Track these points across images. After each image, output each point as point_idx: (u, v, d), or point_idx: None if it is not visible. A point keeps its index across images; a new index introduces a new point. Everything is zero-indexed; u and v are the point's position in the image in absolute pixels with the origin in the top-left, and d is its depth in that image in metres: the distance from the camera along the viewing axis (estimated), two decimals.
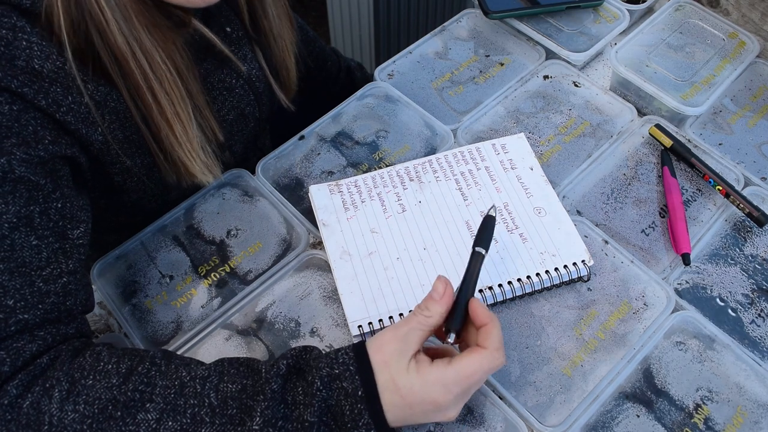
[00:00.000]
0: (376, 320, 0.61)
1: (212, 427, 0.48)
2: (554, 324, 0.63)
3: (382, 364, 0.51)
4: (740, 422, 0.57)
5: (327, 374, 0.50)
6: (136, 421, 0.48)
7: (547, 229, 0.67)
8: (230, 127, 0.74)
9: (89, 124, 0.59)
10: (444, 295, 0.53)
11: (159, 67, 0.59)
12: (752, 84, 0.82)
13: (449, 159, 0.73)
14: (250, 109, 0.76)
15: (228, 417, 0.49)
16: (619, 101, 0.80)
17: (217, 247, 0.69)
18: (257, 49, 0.76)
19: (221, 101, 0.72)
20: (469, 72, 0.84)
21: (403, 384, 0.50)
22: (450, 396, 0.50)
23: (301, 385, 0.51)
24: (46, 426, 0.47)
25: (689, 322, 0.62)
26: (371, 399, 0.49)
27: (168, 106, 0.60)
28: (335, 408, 0.50)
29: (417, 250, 0.66)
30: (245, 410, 0.49)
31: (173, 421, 0.48)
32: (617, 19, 0.87)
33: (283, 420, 0.49)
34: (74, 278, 0.55)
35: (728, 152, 0.76)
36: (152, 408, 0.48)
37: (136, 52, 0.57)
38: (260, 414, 0.49)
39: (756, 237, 0.69)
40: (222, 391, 0.50)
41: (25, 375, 0.49)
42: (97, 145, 0.60)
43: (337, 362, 0.51)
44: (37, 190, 0.53)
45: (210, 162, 0.67)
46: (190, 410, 0.49)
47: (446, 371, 0.50)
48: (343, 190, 0.71)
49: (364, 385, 0.50)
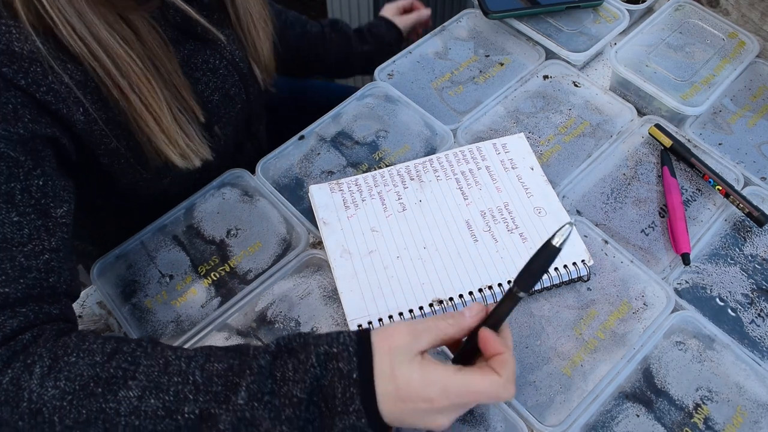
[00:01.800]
0: (376, 319, 0.61)
1: (195, 404, 0.46)
2: (554, 324, 0.63)
3: (386, 350, 0.48)
4: (740, 422, 0.57)
5: (324, 352, 0.48)
6: (117, 398, 0.46)
7: (548, 228, 0.67)
8: (216, 109, 0.72)
9: (70, 104, 0.58)
10: (475, 316, 0.51)
11: (123, 61, 0.58)
12: (752, 84, 0.82)
13: (450, 158, 0.73)
14: (236, 90, 0.75)
15: (212, 394, 0.47)
16: (618, 101, 0.80)
17: (217, 246, 0.69)
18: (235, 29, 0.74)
19: (205, 82, 0.70)
20: (469, 72, 0.84)
21: (401, 374, 0.48)
22: (447, 402, 0.47)
23: (292, 362, 0.48)
24: (25, 402, 0.46)
25: (689, 321, 0.62)
26: (365, 384, 0.47)
27: (136, 99, 0.59)
28: (327, 389, 0.47)
29: (417, 249, 0.66)
30: (231, 387, 0.47)
31: (155, 398, 0.46)
32: (617, 19, 0.87)
33: (270, 395, 0.47)
34: (57, 256, 0.54)
35: (728, 152, 0.76)
36: (134, 385, 0.47)
37: (94, 50, 0.56)
38: (246, 388, 0.47)
39: (756, 237, 0.69)
40: (208, 369, 0.48)
41: (5, 350, 0.47)
42: (80, 125, 0.59)
43: (337, 341, 0.49)
44: (17, 166, 0.52)
45: (194, 145, 0.66)
46: (173, 388, 0.47)
47: (452, 377, 0.47)
48: (344, 189, 0.71)
49: (360, 368, 0.47)
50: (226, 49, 0.72)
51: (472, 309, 0.51)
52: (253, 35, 0.76)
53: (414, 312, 0.61)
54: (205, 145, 0.68)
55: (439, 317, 0.51)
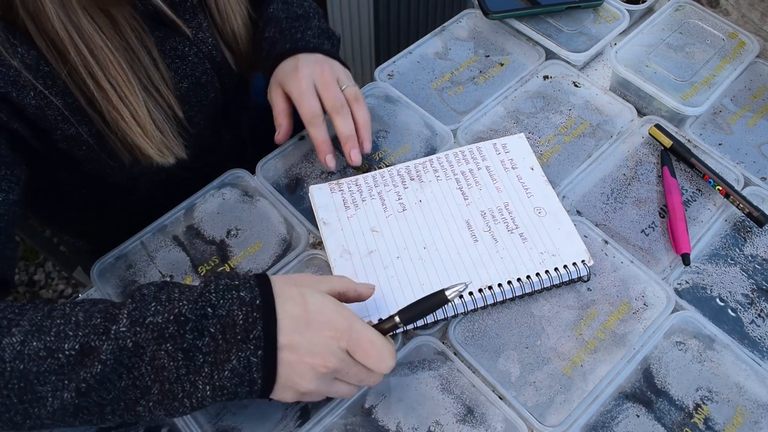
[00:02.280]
0: (376, 318, 0.61)
1: (75, 339, 0.46)
2: (554, 324, 0.63)
3: (291, 283, 0.51)
4: (740, 422, 0.57)
5: (225, 284, 0.49)
6: (1, 346, 0.46)
7: (547, 229, 0.67)
8: (186, 97, 0.71)
9: (20, 88, 0.56)
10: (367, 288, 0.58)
11: (101, 51, 0.56)
12: (752, 84, 0.82)
13: (450, 158, 0.73)
14: (207, 78, 0.72)
15: (91, 327, 0.46)
16: (619, 101, 0.80)
17: (217, 247, 0.69)
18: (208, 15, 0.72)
19: (173, 69, 0.68)
20: (469, 72, 0.84)
21: (314, 300, 0.50)
22: (347, 338, 0.50)
23: (179, 287, 0.49)
24: None
25: (689, 322, 0.62)
26: (268, 310, 0.48)
27: (112, 91, 0.58)
28: (226, 318, 0.47)
29: (417, 249, 0.66)
30: (110, 318, 0.47)
31: (37, 341, 0.46)
32: (617, 20, 0.87)
33: (153, 315, 0.46)
34: None
35: (728, 152, 0.76)
36: (17, 332, 0.46)
37: (75, 37, 0.55)
38: (127, 315, 0.46)
39: (756, 237, 0.69)
40: (90, 310, 0.48)
41: None
42: (32, 109, 0.58)
43: (238, 276, 0.50)
44: None
45: (168, 141, 0.65)
46: (54, 329, 0.46)
47: (359, 320, 0.52)
48: (344, 189, 0.71)
49: (263, 296, 0.48)
50: (197, 36, 0.70)
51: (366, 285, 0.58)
52: (231, 21, 0.74)
53: None
54: (181, 144, 0.67)
55: (338, 276, 0.58)
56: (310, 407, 0.58)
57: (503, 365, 0.60)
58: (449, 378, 0.60)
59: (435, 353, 0.61)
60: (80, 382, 0.45)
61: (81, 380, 0.45)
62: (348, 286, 0.56)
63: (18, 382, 0.45)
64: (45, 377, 0.45)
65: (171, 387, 0.46)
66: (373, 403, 0.58)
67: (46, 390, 0.45)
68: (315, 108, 0.69)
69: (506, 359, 0.61)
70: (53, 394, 0.45)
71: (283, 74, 0.71)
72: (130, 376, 0.46)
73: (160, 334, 0.46)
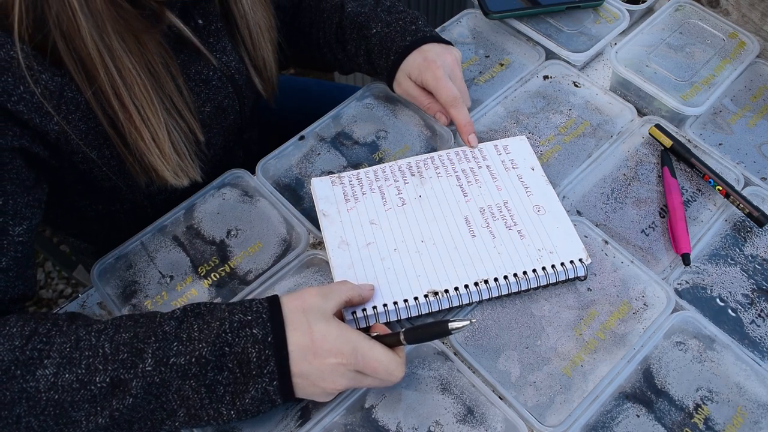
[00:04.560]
0: (371, 307, 0.61)
1: (105, 373, 0.50)
2: (554, 324, 0.63)
3: (300, 310, 0.53)
4: (740, 422, 0.57)
5: (239, 320, 0.52)
6: (35, 378, 0.49)
7: (546, 227, 0.67)
8: (208, 120, 0.72)
9: (43, 114, 0.57)
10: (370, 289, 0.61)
11: (129, 73, 0.58)
12: (752, 84, 0.82)
13: (451, 156, 0.73)
14: (229, 102, 0.74)
15: (120, 362, 0.50)
16: (619, 101, 0.80)
17: (217, 247, 0.69)
18: (239, 42, 0.74)
19: (197, 93, 0.70)
20: (469, 72, 0.84)
21: (318, 330, 0.52)
22: (353, 361, 0.52)
23: (197, 323, 0.52)
24: None
25: (689, 322, 0.62)
26: (279, 346, 0.51)
27: (135, 112, 0.59)
28: (241, 355, 0.51)
29: (415, 242, 0.66)
30: (136, 353, 0.50)
31: (69, 373, 0.50)
32: (617, 20, 0.87)
33: (176, 356, 0.50)
34: (5, 276, 0.55)
35: (728, 152, 0.76)
36: (49, 363, 0.50)
37: (106, 58, 0.56)
38: (152, 355, 0.50)
39: (756, 237, 0.69)
40: (116, 340, 0.51)
41: None
42: (54, 135, 0.59)
43: (250, 310, 0.53)
44: None
45: (185, 164, 0.66)
46: (84, 361, 0.50)
47: (363, 341, 0.53)
48: (345, 182, 0.71)
49: (274, 332, 0.52)
50: (221, 61, 0.71)
51: (368, 285, 0.62)
52: (263, 49, 0.76)
53: (408, 302, 0.62)
54: (197, 167, 0.68)
55: (341, 283, 0.60)
56: (310, 407, 0.58)
57: (503, 365, 0.60)
58: (449, 378, 0.60)
59: (435, 353, 0.61)
60: (113, 411, 0.50)
61: (114, 409, 0.50)
62: (352, 293, 0.59)
63: (54, 410, 0.49)
64: (79, 405, 0.50)
65: (197, 412, 0.52)
66: (373, 403, 0.58)
67: (80, 415, 0.50)
68: (454, 91, 0.73)
69: (506, 359, 0.61)
70: (87, 419, 0.50)
71: (414, 67, 0.75)
72: (158, 401, 0.51)
73: (183, 373, 0.51)
